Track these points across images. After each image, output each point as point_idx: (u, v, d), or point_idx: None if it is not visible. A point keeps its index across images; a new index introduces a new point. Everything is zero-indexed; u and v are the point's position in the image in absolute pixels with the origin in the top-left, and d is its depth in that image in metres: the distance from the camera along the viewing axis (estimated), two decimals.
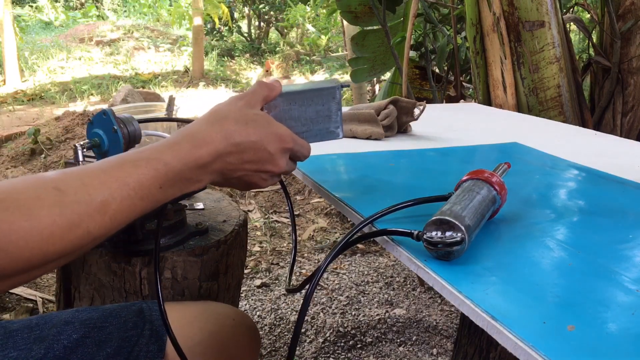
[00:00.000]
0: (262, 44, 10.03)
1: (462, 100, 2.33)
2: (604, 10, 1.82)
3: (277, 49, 9.71)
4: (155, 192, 0.52)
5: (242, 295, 1.99)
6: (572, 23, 2.09)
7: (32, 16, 10.98)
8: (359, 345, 1.69)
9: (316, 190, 0.78)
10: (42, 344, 0.61)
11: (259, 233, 2.55)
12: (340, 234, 2.54)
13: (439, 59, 2.49)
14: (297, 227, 2.62)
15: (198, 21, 7.50)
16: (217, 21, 8.48)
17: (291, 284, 0.74)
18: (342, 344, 1.70)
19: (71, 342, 0.62)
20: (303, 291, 0.60)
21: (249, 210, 2.79)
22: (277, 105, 0.66)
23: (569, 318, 0.43)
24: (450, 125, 1.23)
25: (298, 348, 1.68)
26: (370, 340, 1.72)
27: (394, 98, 1.09)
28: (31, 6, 11.27)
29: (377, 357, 1.64)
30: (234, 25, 10.11)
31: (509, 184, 0.65)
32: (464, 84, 2.56)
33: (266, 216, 2.72)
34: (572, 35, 4.24)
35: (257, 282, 2.09)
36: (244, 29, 10.52)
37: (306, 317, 1.84)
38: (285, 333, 1.77)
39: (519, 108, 1.62)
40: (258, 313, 1.88)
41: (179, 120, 0.91)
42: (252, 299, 1.97)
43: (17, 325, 0.63)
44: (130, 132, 0.74)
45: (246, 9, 10.25)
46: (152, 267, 0.81)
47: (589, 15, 2.27)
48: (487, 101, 1.70)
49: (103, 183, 0.48)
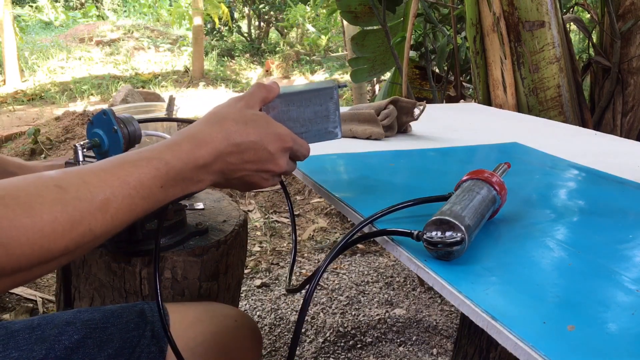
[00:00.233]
0: (262, 44, 10.03)
1: (462, 100, 2.33)
2: (604, 10, 1.82)
3: (277, 49, 9.71)
4: (156, 192, 0.52)
5: (242, 295, 1.99)
6: (572, 23, 2.09)
7: (32, 16, 10.98)
8: (359, 345, 1.69)
9: (316, 190, 0.78)
10: (44, 345, 0.61)
11: (259, 233, 2.55)
12: (340, 234, 2.54)
13: (439, 59, 2.49)
14: (297, 227, 2.62)
15: (198, 21, 7.50)
16: (217, 21, 8.48)
17: (291, 284, 0.74)
18: (342, 344, 1.70)
19: (72, 343, 0.62)
20: (303, 291, 0.61)
21: (249, 210, 2.79)
22: (276, 107, 0.66)
23: (569, 318, 0.43)
24: (450, 125, 1.23)
25: (298, 348, 1.69)
26: (370, 340, 1.72)
27: (394, 98, 1.09)
28: (31, 6, 11.27)
29: (377, 357, 1.64)
30: (234, 25, 10.11)
31: (509, 184, 0.65)
32: (464, 84, 2.56)
33: (266, 216, 2.72)
34: (572, 35, 4.24)
35: (257, 282, 2.09)
36: (244, 29, 10.52)
37: (306, 317, 1.84)
38: (285, 333, 1.77)
39: (519, 108, 1.62)
40: (258, 313, 1.88)
41: (179, 120, 0.91)
42: (252, 299, 1.97)
43: (18, 325, 0.63)
44: (130, 132, 0.74)
45: (246, 9, 10.25)
46: (152, 267, 0.81)
47: (589, 15, 2.27)
48: (487, 101, 1.70)
49: (104, 181, 0.49)
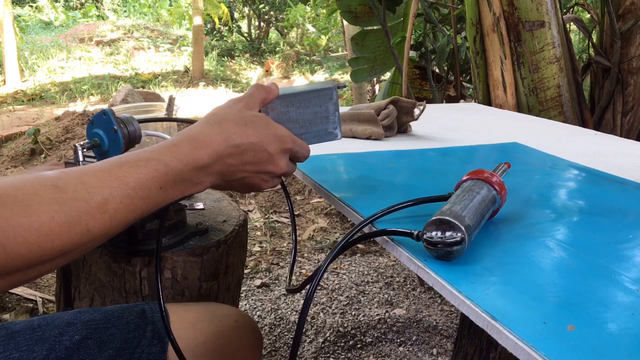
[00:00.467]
0: (262, 44, 10.03)
1: (462, 100, 2.33)
2: (604, 10, 1.82)
3: (277, 49, 9.71)
4: (155, 193, 0.52)
5: (242, 295, 1.99)
6: (572, 23, 2.09)
7: (32, 16, 10.99)
8: (359, 345, 1.69)
9: (316, 190, 0.78)
10: (44, 345, 0.61)
11: (259, 233, 2.55)
12: (340, 234, 2.54)
13: (439, 59, 2.49)
14: (297, 227, 2.62)
15: (198, 21, 7.51)
16: (217, 21, 8.48)
17: (291, 284, 0.74)
18: (342, 344, 1.70)
19: (73, 344, 0.62)
20: (303, 291, 0.61)
21: (249, 210, 2.79)
22: (275, 108, 0.66)
23: (569, 318, 0.43)
24: (450, 125, 1.23)
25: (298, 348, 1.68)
26: (370, 340, 1.72)
27: (394, 98, 1.09)
28: (31, 6, 11.27)
29: (377, 357, 1.64)
30: (234, 25, 10.11)
31: (509, 184, 0.65)
32: (464, 84, 2.56)
33: (266, 216, 2.72)
34: (572, 35, 4.24)
35: (257, 282, 2.09)
36: (244, 29, 10.53)
37: (306, 317, 1.84)
38: (285, 333, 1.77)
39: (519, 108, 1.62)
40: (258, 313, 1.88)
41: (179, 120, 0.91)
42: (252, 299, 1.97)
43: (19, 326, 0.63)
44: (130, 132, 0.74)
45: (246, 9, 10.26)
46: (152, 267, 0.81)
47: (589, 15, 2.27)
48: (487, 101, 1.70)
49: (102, 181, 0.48)
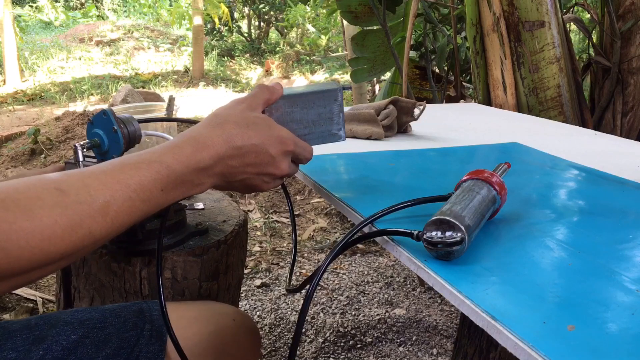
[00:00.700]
0: (262, 44, 10.03)
1: (462, 100, 2.33)
2: (604, 10, 1.82)
3: (277, 49, 9.71)
4: (157, 195, 0.52)
5: (242, 295, 1.99)
6: (572, 23, 2.09)
7: (32, 16, 10.99)
8: (359, 345, 1.69)
9: (316, 190, 0.78)
10: (41, 345, 0.61)
11: (259, 233, 2.55)
12: (340, 234, 2.54)
13: (439, 59, 2.49)
14: (297, 227, 2.62)
15: (198, 21, 7.51)
16: (217, 21, 8.48)
17: (291, 284, 0.74)
18: (342, 344, 1.70)
19: (70, 343, 0.62)
20: (303, 291, 0.60)
21: (249, 210, 2.79)
22: (279, 108, 0.66)
23: (569, 318, 0.43)
24: (450, 125, 1.23)
25: (298, 348, 1.68)
26: (370, 340, 1.72)
27: (394, 98, 1.09)
28: (31, 6, 11.28)
29: (377, 357, 1.64)
30: (234, 25, 10.11)
31: (509, 184, 0.65)
32: (464, 84, 2.56)
33: (266, 216, 2.72)
34: (572, 35, 4.24)
35: (257, 282, 2.09)
36: (244, 29, 10.53)
37: (306, 317, 1.84)
38: (285, 333, 1.77)
39: (519, 108, 1.62)
40: (258, 313, 1.88)
41: (179, 120, 0.90)
42: (252, 299, 1.97)
43: (16, 326, 0.63)
44: (130, 132, 0.74)
45: (246, 9, 10.26)
46: (152, 267, 0.81)
47: (589, 15, 2.27)
48: (487, 101, 1.70)
49: (104, 184, 0.48)
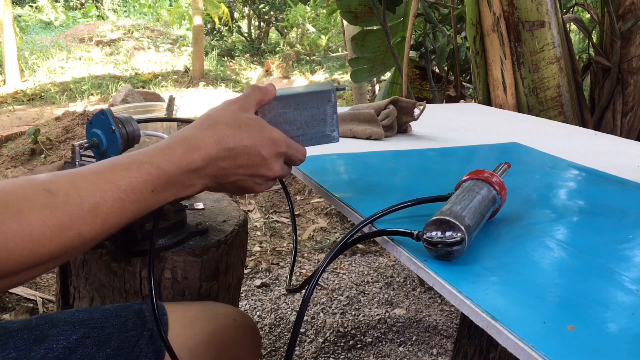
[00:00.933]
0: (262, 44, 10.03)
1: (462, 100, 2.33)
2: (604, 10, 1.82)
3: (277, 49, 9.71)
4: (147, 196, 0.52)
5: (242, 295, 1.99)
6: (572, 23, 2.09)
7: (32, 16, 10.99)
8: (359, 345, 1.69)
9: (316, 190, 0.78)
10: (42, 345, 0.61)
11: (259, 233, 2.55)
12: (340, 234, 2.54)
13: (439, 59, 2.49)
14: (297, 227, 2.61)
15: (198, 21, 7.51)
16: (217, 21, 8.48)
17: (291, 284, 0.74)
18: (342, 344, 1.70)
19: (71, 343, 0.62)
20: (303, 291, 0.60)
21: (249, 210, 2.79)
22: (272, 109, 0.65)
23: (569, 318, 0.43)
24: (450, 125, 1.23)
25: (298, 348, 1.69)
26: (370, 340, 1.72)
27: (394, 98, 1.09)
28: (31, 6, 11.28)
29: (377, 357, 1.64)
30: (234, 25, 10.11)
31: (509, 184, 0.65)
32: (464, 84, 2.56)
33: (266, 216, 2.72)
34: (572, 35, 4.24)
35: (257, 282, 2.09)
36: (244, 29, 10.53)
37: (306, 317, 1.84)
38: (285, 333, 1.77)
39: (519, 108, 1.62)
40: (258, 313, 1.88)
41: (179, 120, 0.90)
42: (252, 299, 1.97)
43: (16, 325, 0.63)
44: (128, 132, 0.74)
45: (246, 9, 10.26)
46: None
47: (589, 15, 2.27)
48: (487, 101, 1.70)
49: (94, 185, 0.48)
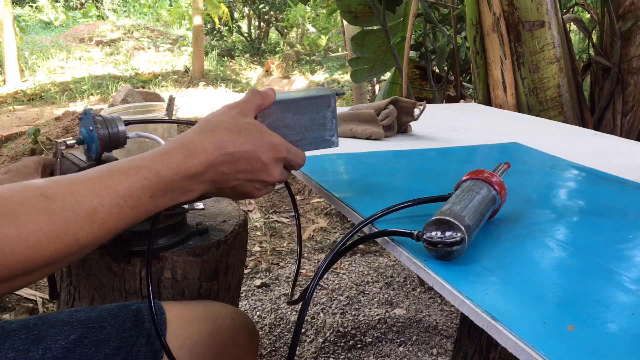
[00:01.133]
0: (262, 44, 10.03)
1: (462, 100, 2.33)
2: (604, 10, 1.82)
3: (277, 49, 9.71)
4: (145, 201, 0.51)
5: (242, 295, 1.99)
6: (572, 23, 2.09)
7: (32, 16, 10.99)
8: (359, 345, 1.69)
9: (316, 190, 0.78)
10: (40, 345, 0.61)
11: (259, 233, 2.55)
12: (340, 234, 2.54)
13: (439, 59, 2.49)
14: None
15: (198, 21, 7.50)
16: (217, 21, 8.48)
17: (292, 290, 0.73)
18: (342, 344, 1.70)
19: (69, 343, 0.62)
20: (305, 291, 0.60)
21: (249, 210, 2.79)
22: (271, 114, 0.65)
23: (569, 318, 0.43)
24: (450, 125, 1.23)
25: (298, 348, 1.68)
26: (370, 340, 1.72)
27: (394, 98, 1.09)
28: (31, 6, 11.28)
29: (377, 357, 1.64)
30: (234, 25, 10.11)
31: (509, 184, 0.65)
32: (464, 84, 2.56)
33: (266, 216, 2.72)
34: (572, 35, 4.24)
35: (257, 282, 2.09)
36: (244, 29, 10.53)
37: (306, 317, 1.84)
38: (285, 333, 1.77)
39: (519, 108, 1.62)
40: (258, 313, 1.88)
41: (179, 122, 0.90)
42: (252, 299, 1.97)
43: (15, 325, 0.63)
44: (111, 133, 0.74)
45: (246, 9, 10.26)
46: (152, 268, 0.81)
47: (589, 15, 2.26)
48: (487, 101, 1.70)
49: (91, 190, 0.48)
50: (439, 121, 1.27)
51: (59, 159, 0.76)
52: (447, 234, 0.51)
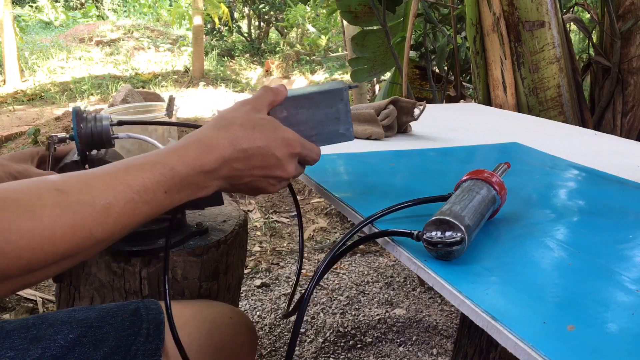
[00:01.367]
0: (262, 44, 10.03)
1: (462, 100, 2.33)
2: (604, 10, 1.82)
3: (277, 49, 9.71)
4: (160, 197, 0.51)
5: (242, 295, 1.99)
6: (572, 23, 2.09)
7: (32, 16, 10.99)
8: (359, 345, 1.69)
9: (316, 190, 0.78)
10: (39, 344, 0.61)
11: (259, 233, 2.55)
12: (340, 234, 2.54)
13: (439, 59, 2.49)
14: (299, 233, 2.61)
15: (198, 21, 7.50)
16: (217, 21, 8.48)
17: (289, 304, 0.73)
18: (342, 344, 1.70)
19: (68, 342, 0.62)
20: (302, 291, 0.60)
21: (249, 210, 2.79)
22: (284, 110, 0.65)
23: (569, 318, 0.43)
24: (450, 125, 1.23)
25: (298, 348, 1.68)
26: (370, 340, 1.72)
27: (394, 98, 1.09)
28: (31, 6, 11.28)
29: (377, 357, 1.64)
30: (234, 25, 10.11)
31: (509, 184, 0.65)
32: (464, 84, 2.56)
33: (266, 216, 2.72)
34: (572, 35, 4.24)
35: (257, 282, 2.09)
36: (244, 29, 10.53)
37: (306, 317, 1.84)
38: (285, 333, 1.77)
39: (519, 108, 1.62)
40: (258, 313, 1.88)
41: (179, 125, 0.90)
42: (252, 299, 1.97)
43: (13, 325, 0.63)
44: (94, 132, 0.74)
45: (246, 9, 10.26)
46: (152, 267, 0.81)
47: (589, 15, 2.26)
48: (487, 101, 1.70)
49: (107, 185, 0.48)
50: (439, 121, 1.27)
51: (51, 152, 0.78)
52: (447, 234, 0.51)
